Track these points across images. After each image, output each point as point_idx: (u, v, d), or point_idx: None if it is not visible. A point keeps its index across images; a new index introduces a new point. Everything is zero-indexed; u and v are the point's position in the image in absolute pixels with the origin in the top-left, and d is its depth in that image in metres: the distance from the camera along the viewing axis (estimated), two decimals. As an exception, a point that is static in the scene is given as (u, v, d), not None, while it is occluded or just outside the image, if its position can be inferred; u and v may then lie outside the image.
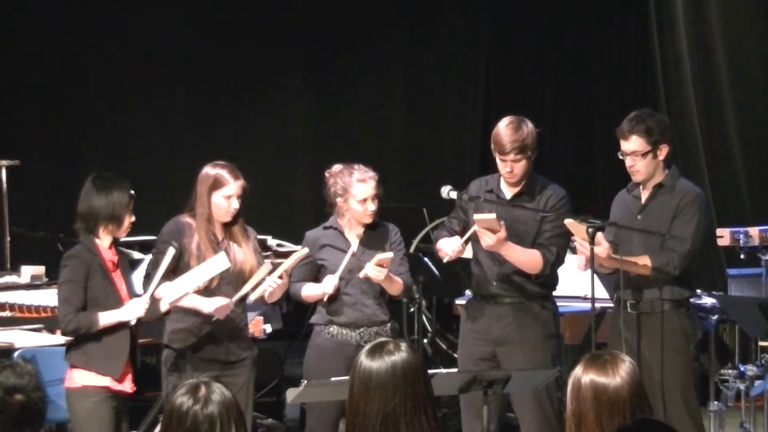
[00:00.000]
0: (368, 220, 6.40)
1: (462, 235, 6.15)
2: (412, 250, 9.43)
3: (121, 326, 5.82)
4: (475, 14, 11.60)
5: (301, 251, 6.31)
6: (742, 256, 7.99)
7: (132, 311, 5.82)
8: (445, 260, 6.16)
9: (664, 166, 6.29)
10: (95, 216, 5.86)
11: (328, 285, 6.31)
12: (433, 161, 11.41)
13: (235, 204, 6.15)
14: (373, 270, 6.21)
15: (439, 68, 11.59)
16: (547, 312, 6.29)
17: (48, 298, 7.11)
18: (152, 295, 5.88)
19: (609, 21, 11.41)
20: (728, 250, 9.02)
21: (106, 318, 5.79)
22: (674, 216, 6.20)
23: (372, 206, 6.36)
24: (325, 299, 6.34)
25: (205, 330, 6.13)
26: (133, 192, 5.93)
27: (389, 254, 6.25)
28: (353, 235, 6.43)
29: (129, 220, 5.91)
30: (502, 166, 6.20)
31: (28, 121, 10.49)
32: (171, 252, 5.95)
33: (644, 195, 6.32)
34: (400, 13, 11.46)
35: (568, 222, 6.03)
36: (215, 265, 5.99)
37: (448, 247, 6.10)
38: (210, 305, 6.05)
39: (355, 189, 6.33)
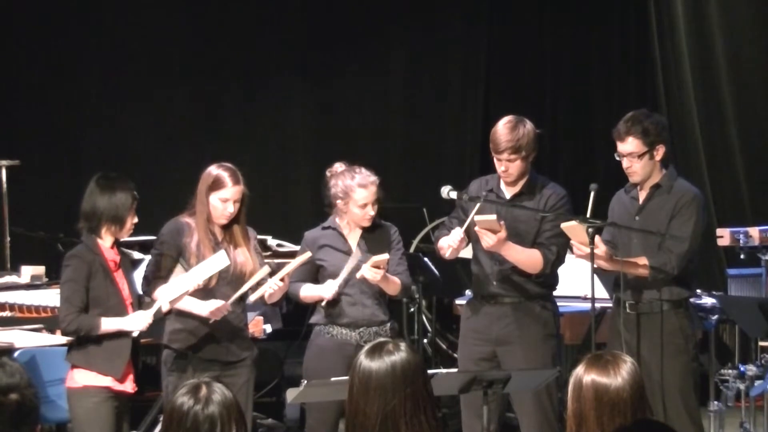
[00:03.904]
0: (366, 224, 6.40)
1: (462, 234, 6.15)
2: (412, 250, 9.43)
3: (123, 333, 5.84)
4: (475, 14, 11.60)
5: (304, 255, 6.30)
6: (742, 256, 7.99)
7: (135, 323, 5.82)
8: (447, 255, 6.14)
9: (661, 167, 6.29)
10: (98, 216, 5.86)
11: (327, 290, 6.31)
12: (433, 161, 11.41)
13: (231, 208, 6.12)
14: (369, 272, 6.21)
15: (439, 68, 11.59)
16: (547, 312, 6.29)
17: (48, 298, 7.11)
18: (157, 311, 5.89)
19: (609, 21, 11.41)
20: (728, 250, 9.02)
21: (108, 324, 5.79)
22: (672, 216, 6.20)
23: (372, 211, 6.37)
24: (323, 303, 6.35)
25: (205, 330, 6.13)
26: (136, 193, 5.93)
27: (385, 256, 6.25)
28: (352, 236, 6.43)
29: (132, 221, 5.91)
30: (498, 165, 6.22)
31: (28, 121, 10.49)
32: (180, 270, 5.97)
33: (642, 196, 6.32)
34: (400, 14, 11.45)
35: (564, 226, 6.02)
36: (215, 263, 5.99)
37: (449, 239, 6.11)
38: (205, 308, 6.04)
39: (357, 194, 6.33)
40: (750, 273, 8.34)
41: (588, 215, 6.02)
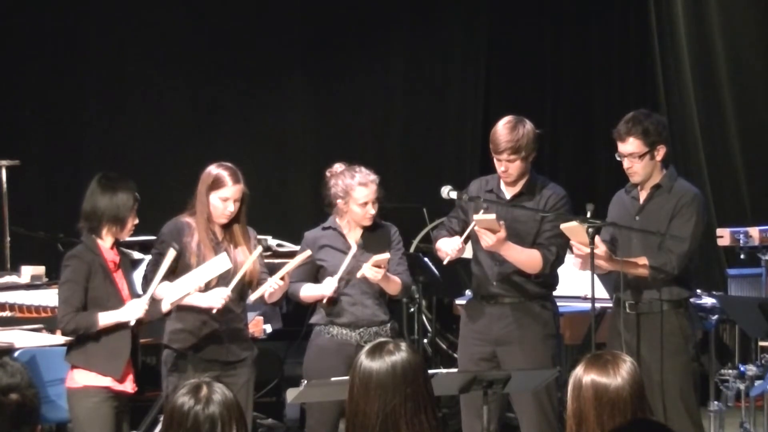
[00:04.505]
0: (368, 222, 6.41)
1: (462, 235, 6.15)
2: (412, 250, 9.43)
3: (121, 326, 5.82)
4: (475, 14, 11.60)
5: (303, 254, 6.30)
6: (742, 256, 7.99)
7: (132, 312, 5.81)
8: (445, 261, 6.16)
9: (661, 167, 6.29)
10: (99, 216, 5.85)
11: (327, 288, 6.31)
12: (433, 161, 11.41)
13: (231, 207, 6.12)
14: (370, 271, 6.21)
15: (439, 68, 11.59)
16: (547, 312, 6.29)
17: (48, 298, 7.10)
18: (152, 296, 5.87)
19: (609, 21, 11.41)
20: (728, 250, 9.03)
21: (105, 318, 5.78)
22: (672, 216, 6.20)
23: (372, 210, 6.38)
24: (325, 301, 6.35)
25: (205, 330, 6.13)
26: (137, 194, 5.93)
27: (386, 255, 6.25)
28: (353, 236, 6.44)
29: (132, 222, 5.91)
30: (498, 165, 6.22)
31: (28, 121, 10.49)
32: (172, 253, 5.93)
33: (642, 196, 6.31)
34: (400, 13, 11.46)
35: (564, 227, 6.02)
36: (217, 265, 5.99)
37: (448, 247, 6.11)
38: (206, 299, 6.03)
39: (357, 192, 6.33)
40: (750, 273, 8.34)
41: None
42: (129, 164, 9.55)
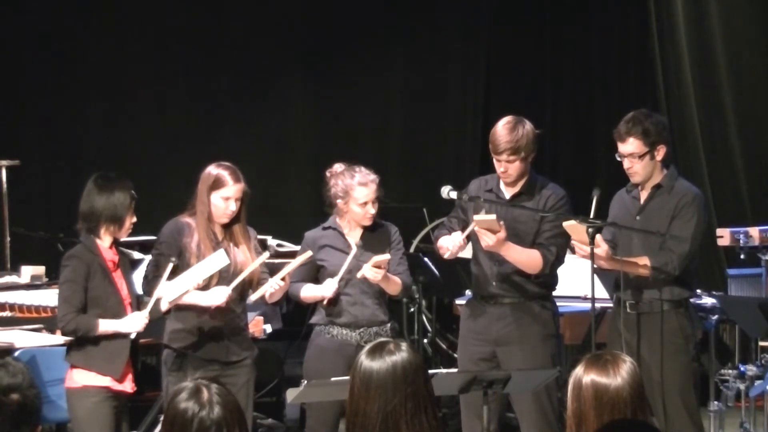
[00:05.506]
0: (368, 222, 6.41)
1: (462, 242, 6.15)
2: (412, 250, 9.43)
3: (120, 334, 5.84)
4: (475, 14, 11.60)
5: (304, 254, 6.31)
6: (742, 256, 8.00)
7: (132, 325, 5.82)
8: (446, 256, 6.15)
9: (662, 167, 6.29)
10: (96, 216, 5.86)
11: (327, 289, 6.32)
12: (433, 161, 11.41)
13: (233, 206, 6.13)
14: (370, 271, 6.22)
15: (439, 68, 11.59)
16: (547, 312, 6.29)
17: (48, 298, 7.11)
18: (152, 310, 5.88)
19: (609, 21, 11.41)
20: (728, 250, 9.03)
21: (105, 326, 5.79)
22: (673, 216, 6.20)
23: (372, 209, 6.38)
24: (325, 302, 6.36)
25: (205, 330, 6.13)
26: (134, 193, 5.93)
27: (386, 256, 6.26)
28: (353, 236, 6.44)
29: (130, 220, 5.92)
30: (497, 166, 6.21)
31: (28, 121, 10.49)
32: (170, 267, 5.95)
33: (643, 195, 6.32)
34: (399, 13, 11.46)
35: (566, 225, 6.02)
36: (215, 262, 5.99)
37: (449, 242, 6.11)
38: (207, 297, 6.04)
39: (357, 192, 6.33)
40: (750, 273, 8.34)
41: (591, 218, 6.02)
42: (129, 164, 9.54)
